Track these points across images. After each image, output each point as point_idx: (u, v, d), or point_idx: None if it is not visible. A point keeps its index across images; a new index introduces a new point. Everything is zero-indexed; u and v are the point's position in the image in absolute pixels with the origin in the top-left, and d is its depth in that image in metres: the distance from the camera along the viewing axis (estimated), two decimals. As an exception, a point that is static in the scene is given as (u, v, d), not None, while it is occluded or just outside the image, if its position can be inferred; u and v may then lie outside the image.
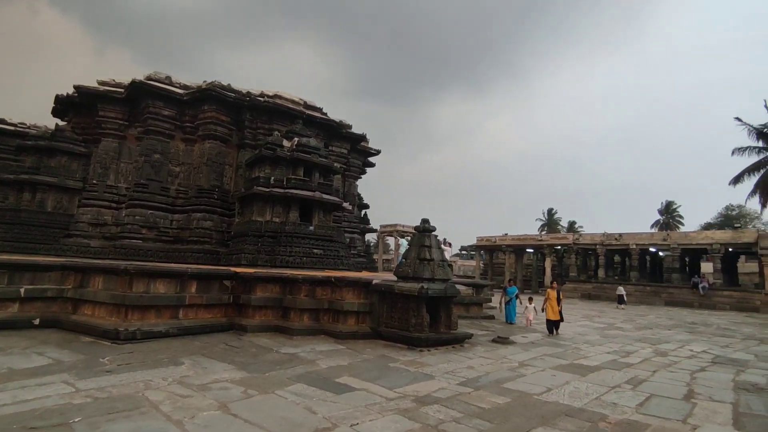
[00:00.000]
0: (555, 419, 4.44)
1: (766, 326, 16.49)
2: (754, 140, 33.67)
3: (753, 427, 4.43)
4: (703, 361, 8.30)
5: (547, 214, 70.93)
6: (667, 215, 57.98)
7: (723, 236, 28.81)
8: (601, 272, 33.05)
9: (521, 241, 37.43)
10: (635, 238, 31.21)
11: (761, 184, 32.89)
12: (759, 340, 12.23)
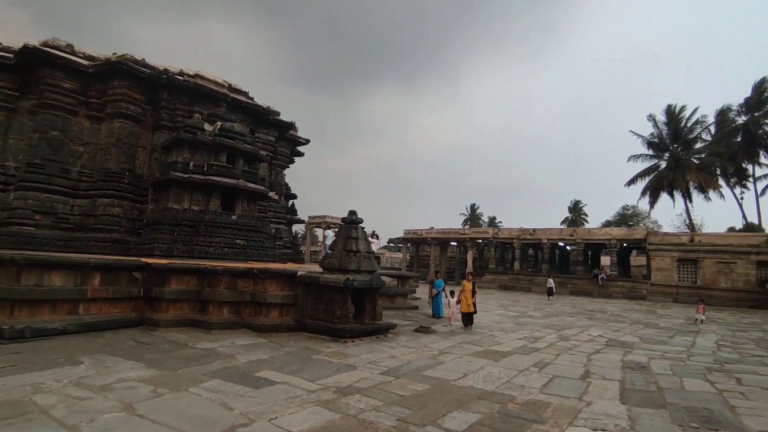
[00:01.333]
0: (469, 403, 4.69)
1: (650, 312, 18.77)
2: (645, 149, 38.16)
3: (635, 401, 5.02)
4: (598, 344, 9.25)
5: (470, 209, 74.48)
6: (575, 213, 63.64)
7: (619, 233, 32.24)
8: (516, 264, 35.45)
9: (446, 235, 38.94)
10: (547, 234, 33.85)
11: (650, 187, 37.32)
12: (644, 324, 13.88)
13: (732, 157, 34.79)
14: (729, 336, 11.66)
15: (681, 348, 9.24)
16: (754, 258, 25.01)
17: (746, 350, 9.29)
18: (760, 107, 33.98)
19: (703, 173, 34.52)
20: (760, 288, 24.61)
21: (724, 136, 35.17)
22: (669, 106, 36.88)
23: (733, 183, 36.93)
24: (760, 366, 7.48)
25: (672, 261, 27.45)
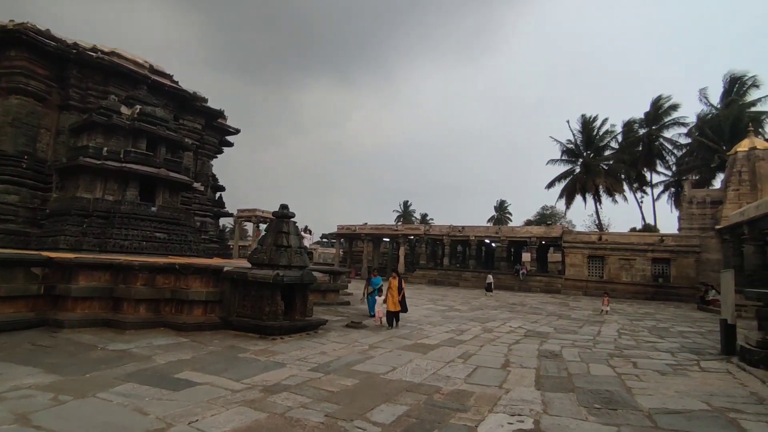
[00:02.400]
0: (397, 395, 4.78)
1: (563, 305, 20.40)
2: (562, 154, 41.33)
3: (548, 386, 5.43)
4: (518, 335, 9.87)
5: (403, 207, 75.95)
6: (500, 212, 67.35)
7: (538, 231, 34.62)
8: (446, 260, 36.76)
9: (379, 231, 39.36)
10: (475, 231, 35.46)
11: (566, 190, 40.52)
12: (558, 316, 15.05)
13: (634, 165, 38.78)
14: (628, 325, 13.00)
15: (588, 337, 10.13)
16: (650, 255, 28.10)
17: (641, 337, 10.41)
18: (657, 121, 38.21)
19: (610, 178, 38.16)
20: (654, 282, 27.74)
21: (629, 145, 39.06)
22: (583, 116, 40.29)
23: (635, 188, 41.19)
24: (652, 351, 8.42)
25: (583, 257, 30.02)
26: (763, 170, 24.74)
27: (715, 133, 33.04)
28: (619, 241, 29.39)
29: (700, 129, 35.29)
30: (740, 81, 34.70)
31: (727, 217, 24.15)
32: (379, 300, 10.73)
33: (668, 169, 39.14)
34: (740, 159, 25.59)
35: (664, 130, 38.31)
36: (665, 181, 39.65)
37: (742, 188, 25.04)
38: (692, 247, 27.11)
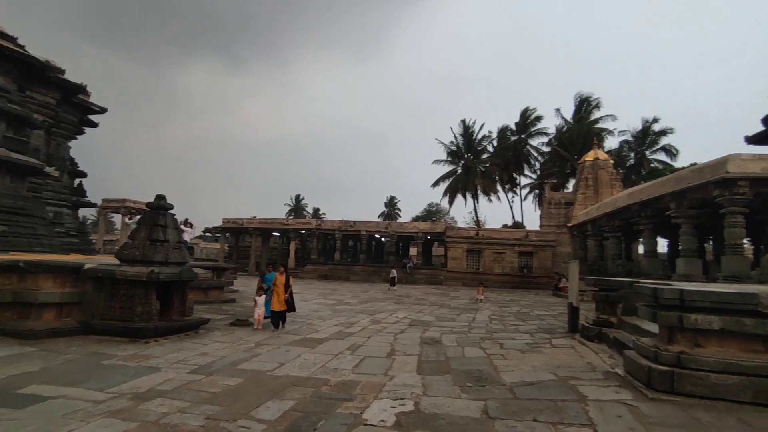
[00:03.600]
0: (284, 391, 4.74)
1: (445, 295, 22.02)
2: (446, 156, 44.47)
3: (428, 370, 5.86)
4: (403, 325, 10.41)
5: (295, 200, 74.42)
6: (390, 208, 69.87)
7: (424, 227, 36.79)
8: (337, 255, 37.02)
9: (269, 225, 38.05)
10: (366, 226, 36.31)
11: (449, 189, 43.67)
12: (439, 305, 16.21)
13: (507, 168, 43.41)
14: (498, 311, 14.55)
15: (465, 323, 11.11)
16: (518, 249, 31.73)
17: (508, 321, 11.75)
18: (525, 130, 43.27)
19: (487, 179, 42.18)
20: (520, 272, 31.39)
21: (502, 150, 43.59)
22: (464, 121, 43.83)
23: (507, 189, 46.15)
24: (515, 333, 9.57)
25: (463, 251, 32.69)
26: (603, 177, 29.53)
27: (568, 144, 38.48)
28: (493, 237, 32.64)
29: (558, 140, 40.85)
30: (587, 101, 40.96)
31: (576, 216, 28.34)
32: (260, 300, 9.09)
33: (534, 173, 44.63)
34: (587, 167, 30.22)
35: (530, 139, 43.55)
36: (531, 184, 45.13)
37: (588, 192, 29.56)
38: (550, 241, 31.27)
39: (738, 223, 13.26)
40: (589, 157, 30.41)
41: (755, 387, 4.22)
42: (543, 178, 41.30)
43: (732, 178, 12.86)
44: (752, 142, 10.30)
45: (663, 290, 4.88)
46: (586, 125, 39.05)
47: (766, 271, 8.05)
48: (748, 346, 4.49)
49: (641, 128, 39.22)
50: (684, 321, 4.63)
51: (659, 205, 16.86)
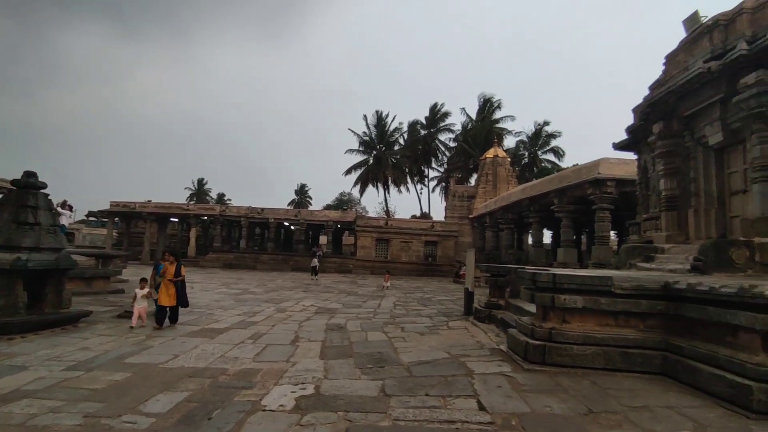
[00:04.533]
0: (178, 383, 4.51)
1: (353, 283, 22.35)
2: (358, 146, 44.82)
3: (331, 355, 5.98)
4: (309, 313, 10.41)
5: (197, 184, 69.60)
6: (301, 195, 68.60)
7: (335, 215, 36.79)
8: (243, 243, 35.50)
9: (166, 210, 35.16)
10: (274, 213, 35.27)
11: (360, 178, 44.13)
12: (347, 293, 16.44)
13: (416, 161, 45.04)
14: (402, 298, 15.18)
15: (370, 309, 11.44)
16: (424, 238, 33.23)
17: (411, 307, 12.34)
18: (434, 125, 45.19)
19: (397, 171, 43.37)
20: (425, 260, 32.96)
21: (413, 143, 45.12)
22: (377, 112, 44.47)
23: (416, 180, 47.91)
24: (417, 317, 10.10)
25: (372, 240, 33.36)
26: (501, 174, 32.06)
27: (472, 141, 41.04)
28: (401, 226, 33.77)
29: (463, 136, 43.34)
30: (490, 101, 43.95)
31: (476, 209, 30.47)
32: (140, 293, 7.81)
33: (441, 166, 46.89)
34: (488, 164, 32.56)
35: (439, 134, 45.59)
36: (438, 177, 47.38)
37: (488, 187, 31.89)
38: (453, 232, 33.22)
39: (606, 217, 15.34)
40: (490, 154, 32.79)
41: (606, 355, 5.00)
42: (449, 172, 43.63)
43: (602, 178, 14.81)
44: (618, 148, 11.93)
45: (540, 275, 5.53)
46: (488, 124, 41.97)
47: (622, 258, 9.46)
48: (602, 320, 5.29)
49: (534, 130, 43.20)
50: (555, 301, 5.30)
51: (546, 200, 18.83)
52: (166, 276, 7.96)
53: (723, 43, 7.39)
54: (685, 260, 7.20)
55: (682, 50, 8.46)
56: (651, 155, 9.68)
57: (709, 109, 7.78)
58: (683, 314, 4.92)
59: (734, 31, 7.26)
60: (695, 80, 7.59)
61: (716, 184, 8.19)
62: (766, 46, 6.40)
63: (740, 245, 6.34)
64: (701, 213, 8.32)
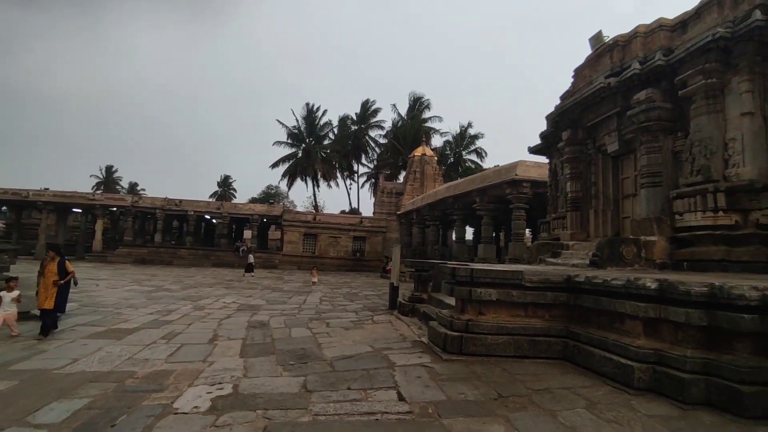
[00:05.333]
0: (77, 389, 4.13)
1: (279, 279, 21.80)
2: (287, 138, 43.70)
3: (252, 353, 5.80)
4: (230, 310, 9.99)
5: (105, 172, 63.59)
6: (225, 187, 65.36)
7: (261, 209, 35.59)
8: (158, 237, 33.09)
9: (67, 199, 31.66)
10: (194, 205, 33.27)
11: (289, 172, 43.11)
12: (272, 289, 16.01)
13: (347, 156, 44.93)
14: (329, 293, 15.12)
15: (295, 305, 11.25)
16: (353, 234, 33.32)
17: (338, 302, 12.34)
18: (365, 121, 45.39)
19: (327, 165, 42.95)
20: (353, 256, 33.08)
21: (343, 138, 44.92)
22: (308, 104, 43.69)
23: (346, 176, 47.80)
24: (343, 312, 10.13)
25: (300, 235, 32.79)
26: (428, 172, 33.05)
27: (402, 138, 41.85)
28: (330, 221, 33.55)
29: (393, 133, 44.02)
30: (420, 101, 45.10)
31: (404, 206, 31.14)
32: (7, 296, 6.49)
33: (371, 162, 47.19)
34: (416, 161, 33.40)
35: (369, 130, 45.85)
36: (368, 173, 47.69)
37: (415, 184, 32.72)
38: (381, 227, 33.70)
39: (521, 216, 16.46)
40: (418, 152, 33.66)
41: (516, 343, 5.40)
42: (379, 169, 44.11)
43: (519, 180, 15.87)
44: (533, 152, 12.87)
45: (459, 269, 5.82)
46: (417, 123, 43.03)
47: (533, 254, 10.26)
48: (513, 312, 5.70)
49: (459, 131, 45.08)
50: (472, 294, 5.60)
51: (468, 199, 19.76)
52: (48, 276, 6.80)
53: (621, 62, 8.26)
54: (585, 256, 7.97)
55: (588, 65, 9.31)
56: (560, 160, 10.57)
57: (608, 120, 8.67)
58: (581, 304, 5.46)
59: (630, 52, 8.14)
60: (597, 94, 8.40)
61: (612, 188, 9.16)
62: (654, 67, 7.26)
63: (629, 243, 7.15)
64: (600, 213, 9.25)
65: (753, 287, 3.84)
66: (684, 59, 6.90)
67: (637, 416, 3.63)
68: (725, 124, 6.63)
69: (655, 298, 4.44)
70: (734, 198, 6.32)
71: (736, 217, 6.28)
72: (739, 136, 6.41)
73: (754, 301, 3.76)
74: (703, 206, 6.54)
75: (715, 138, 6.64)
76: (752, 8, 6.22)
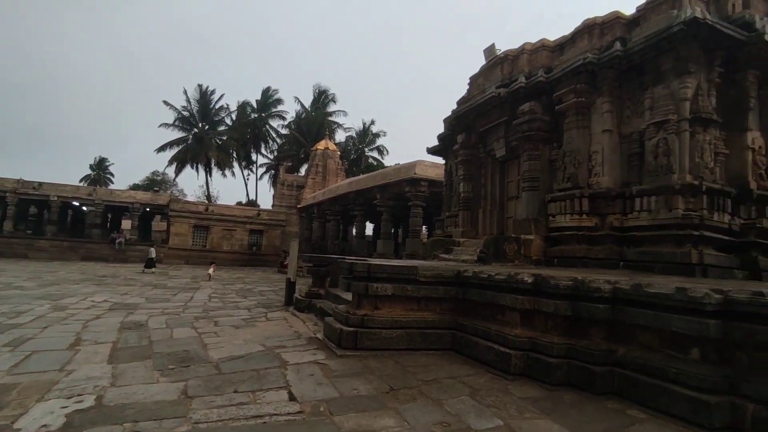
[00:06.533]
0: None
1: (163, 274, 19.91)
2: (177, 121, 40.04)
3: (124, 358, 5.15)
4: (101, 310, 8.81)
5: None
6: (99, 171, 57.80)
7: (144, 197, 32.16)
8: (9, 224, 28.03)
9: None
10: (58, 190, 28.85)
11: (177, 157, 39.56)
12: (154, 286, 14.54)
13: (245, 145, 42.63)
14: (220, 289, 14.20)
15: (180, 303, 10.34)
16: (249, 227, 31.77)
17: (229, 299, 11.62)
18: (266, 110, 43.56)
19: (222, 153, 40.29)
20: (249, 250, 31.58)
21: (241, 126, 42.52)
22: (200, 86, 40.43)
23: (244, 166, 45.36)
24: (234, 309, 9.56)
25: (189, 227, 30.33)
26: (331, 166, 32.86)
27: (305, 130, 41.01)
28: (224, 213, 31.59)
29: (296, 125, 42.91)
30: (325, 94, 44.60)
31: (305, 199, 30.57)
32: None
33: (271, 153, 45.44)
34: (318, 155, 32.97)
35: (270, 119, 44.12)
36: (268, 164, 45.85)
37: (317, 178, 32.32)
38: (280, 221, 32.67)
39: (419, 213, 17.16)
40: (321, 146, 33.28)
41: (409, 336, 5.57)
42: (279, 160, 42.64)
43: (417, 178, 16.50)
44: (431, 153, 13.49)
45: (356, 265, 5.82)
46: (321, 116, 42.48)
47: (428, 250, 10.76)
48: (408, 306, 5.87)
49: (363, 128, 45.59)
50: (369, 289, 5.64)
51: (369, 195, 20.04)
52: None
53: (510, 75, 8.99)
54: (474, 252, 8.55)
55: (482, 75, 9.99)
56: (455, 161, 11.21)
57: (498, 127, 9.40)
58: (469, 298, 5.82)
59: (518, 66, 8.91)
60: (488, 102, 9.06)
61: (499, 190, 9.96)
62: (536, 83, 8.03)
63: (511, 241, 7.84)
64: (488, 213, 10.01)
65: (607, 281, 4.43)
66: (560, 78, 7.74)
67: (512, 399, 3.96)
68: (590, 139, 7.59)
69: (531, 291, 4.90)
70: (595, 203, 7.27)
71: (596, 220, 7.24)
72: (600, 149, 7.38)
73: (607, 293, 4.34)
74: (571, 209, 7.42)
75: (582, 150, 7.57)
76: (614, 40, 7.19)
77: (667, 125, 6.43)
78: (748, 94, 6.68)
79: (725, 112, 6.67)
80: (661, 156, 6.49)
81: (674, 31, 6.19)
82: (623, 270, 6.62)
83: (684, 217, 6.14)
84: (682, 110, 6.39)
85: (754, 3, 6.93)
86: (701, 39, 6.25)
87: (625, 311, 4.22)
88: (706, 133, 6.38)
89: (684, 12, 6.23)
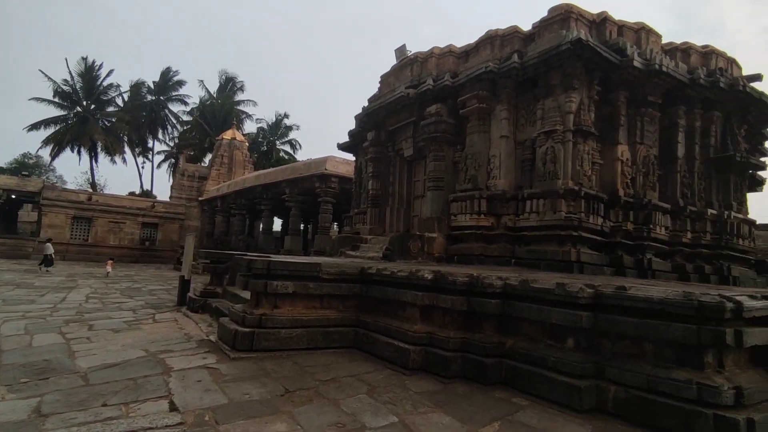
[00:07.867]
0: None
1: (31, 271, 17.18)
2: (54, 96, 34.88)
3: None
4: (-64, 315, 7.30)
5: None
6: (-51, 149, 48.37)
7: (8, 182, 27.56)
8: None
9: None
10: None
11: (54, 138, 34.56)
12: (16, 285, 12.47)
13: (139, 129, 38.62)
14: (102, 288, 12.64)
15: (49, 305, 8.98)
16: (141, 219, 28.84)
17: (111, 299, 10.37)
18: (165, 92, 39.94)
19: (111, 137, 36.00)
20: (141, 245, 28.69)
21: (135, 108, 38.41)
22: (85, 58, 35.64)
23: (138, 152, 41.09)
24: (116, 311, 8.54)
25: (67, 218, 26.67)
26: (238, 158, 31.15)
27: (210, 118, 38.38)
28: (112, 204, 28.32)
29: (200, 111, 39.96)
30: (233, 81, 42.16)
31: (208, 191, 28.62)
32: None
33: (171, 140, 41.76)
34: (224, 145, 31.07)
35: (170, 103, 40.52)
36: (167, 152, 42.05)
37: (222, 169, 30.46)
38: (178, 214, 30.18)
39: (328, 209, 16.96)
40: (228, 135, 31.39)
41: (310, 335, 5.39)
42: (180, 148, 39.28)
43: (328, 174, 16.30)
44: (341, 149, 13.37)
45: (255, 261, 5.49)
46: (228, 104, 40.06)
47: (335, 246, 10.65)
48: (310, 304, 5.69)
49: (275, 120, 43.95)
50: (268, 287, 5.36)
51: (278, 189, 19.36)
52: None
53: (419, 76, 9.21)
54: (380, 249, 8.63)
55: (393, 74, 10.12)
56: (365, 158, 11.23)
57: (406, 127, 9.58)
58: (372, 295, 5.81)
59: (427, 68, 9.16)
60: (398, 102, 9.19)
61: (406, 189, 10.17)
62: (443, 87, 8.32)
63: (416, 238, 8.03)
64: (395, 211, 10.17)
65: (498, 277, 4.69)
66: (465, 84, 8.10)
67: (409, 395, 4.00)
68: (490, 143, 8.06)
69: (430, 288, 5.02)
70: (492, 204, 7.73)
71: (492, 220, 7.70)
72: (498, 153, 7.87)
73: (498, 288, 4.59)
74: (471, 209, 7.81)
75: (483, 153, 8.01)
76: (513, 52, 7.70)
77: (555, 135, 7.06)
78: (620, 112, 7.59)
79: (601, 126, 7.51)
80: (549, 162, 7.11)
81: (562, 49, 6.80)
82: (514, 267, 7.14)
83: (566, 219, 6.79)
84: (567, 122, 7.06)
85: (625, 32, 7.90)
86: (584, 59, 6.95)
87: (514, 305, 4.51)
88: (585, 144, 7.12)
89: (571, 33, 6.87)
